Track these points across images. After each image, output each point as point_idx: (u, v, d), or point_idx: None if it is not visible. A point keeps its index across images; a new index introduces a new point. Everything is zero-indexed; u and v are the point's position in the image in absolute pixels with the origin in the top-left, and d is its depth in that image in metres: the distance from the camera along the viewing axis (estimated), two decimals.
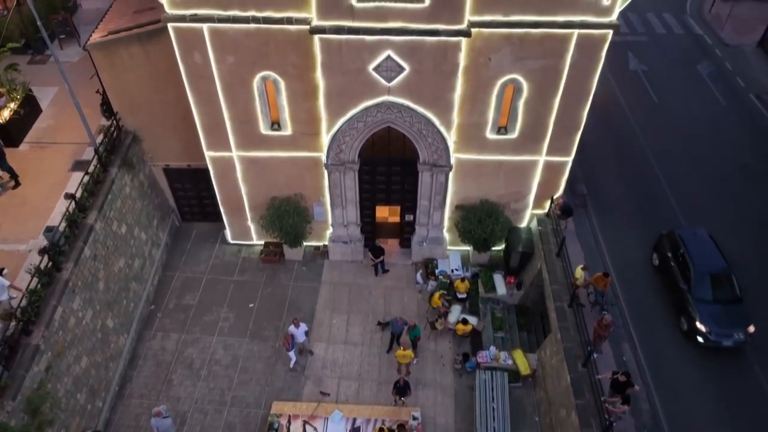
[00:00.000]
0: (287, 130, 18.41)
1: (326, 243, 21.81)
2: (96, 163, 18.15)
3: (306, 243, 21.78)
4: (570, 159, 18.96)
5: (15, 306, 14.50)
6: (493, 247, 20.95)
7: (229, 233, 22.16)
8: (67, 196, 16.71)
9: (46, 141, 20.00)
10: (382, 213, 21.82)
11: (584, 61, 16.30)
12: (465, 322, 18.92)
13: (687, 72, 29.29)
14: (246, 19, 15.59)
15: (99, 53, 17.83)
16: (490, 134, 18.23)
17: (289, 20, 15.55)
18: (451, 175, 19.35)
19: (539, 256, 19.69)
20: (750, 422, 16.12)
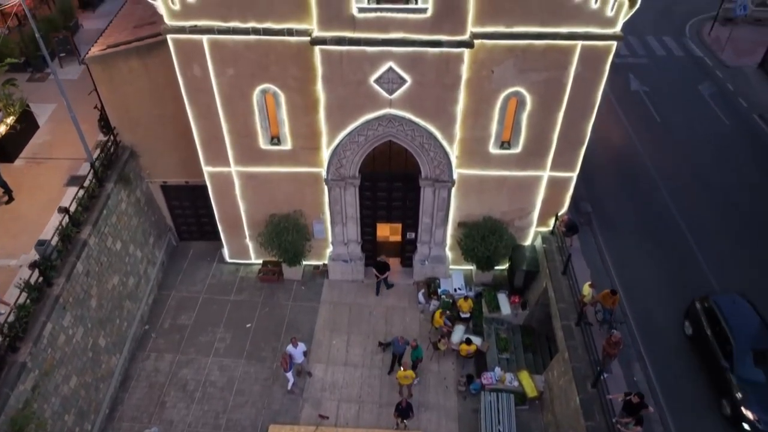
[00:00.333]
0: (287, 145, 18.14)
1: (326, 262, 21.35)
2: (92, 177, 17.88)
3: (305, 262, 21.35)
4: (575, 174, 18.65)
5: (2, 321, 13.91)
6: (496, 266, 20.50)
7: (226, 252, 21.71)
8: (61, 209, 16.34)
9: (42, 156, 19.77)
10: (383, 231, 21.43)
11: (588, 74, 16.10)
12: (469, 342, 18.41)
13: (688, 92, 29.28)
14: (246, 31, 15.45)
15: (97, 66, 17.69)
16: (493, 149, 17.96)
17: (290, 31, 15.41)
18: (454, 191, 19.01)
19: (545, 275, 19.20)
20: None
